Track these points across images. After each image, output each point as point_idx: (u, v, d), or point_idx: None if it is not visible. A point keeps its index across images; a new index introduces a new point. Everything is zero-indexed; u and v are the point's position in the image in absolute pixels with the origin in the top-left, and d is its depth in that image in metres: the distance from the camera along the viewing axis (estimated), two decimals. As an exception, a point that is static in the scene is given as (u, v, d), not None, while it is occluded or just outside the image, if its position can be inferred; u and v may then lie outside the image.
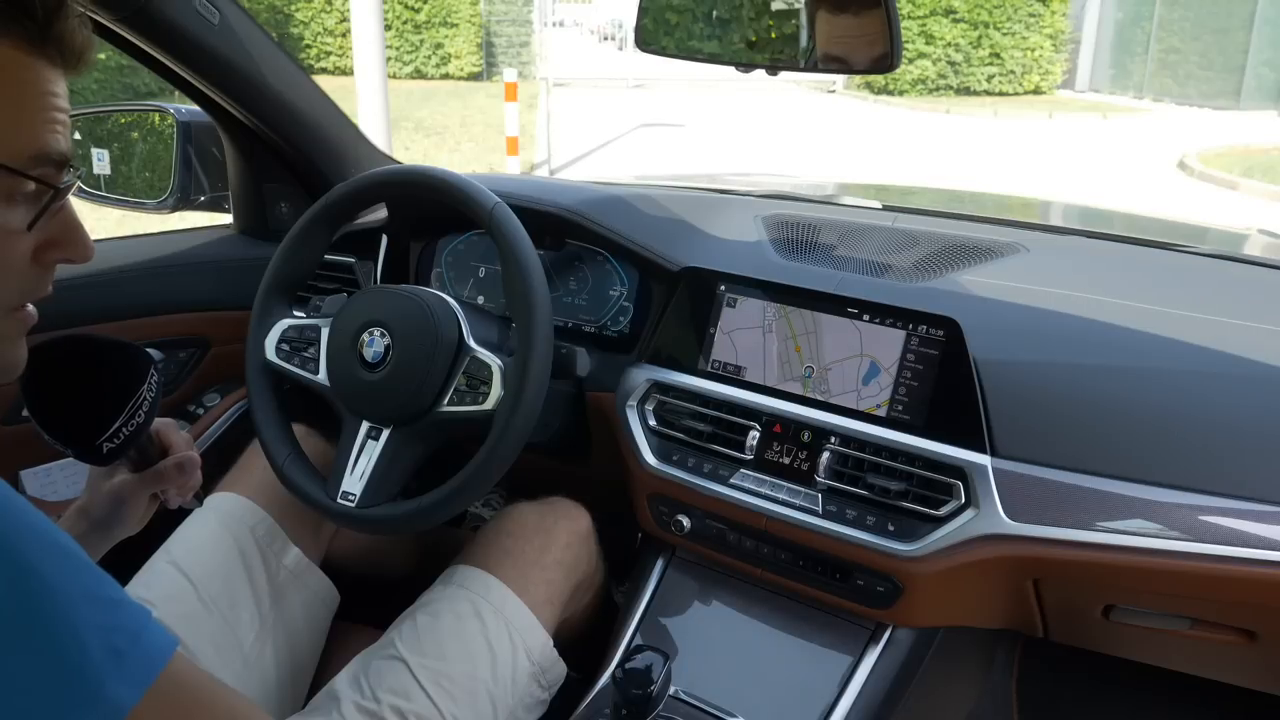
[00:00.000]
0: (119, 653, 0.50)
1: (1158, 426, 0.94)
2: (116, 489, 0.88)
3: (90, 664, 0.49)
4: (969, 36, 15.44)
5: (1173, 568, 0.89)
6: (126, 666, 0.50)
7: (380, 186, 1.10)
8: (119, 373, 0.78)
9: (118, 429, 0.77)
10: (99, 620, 0.50)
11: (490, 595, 1.02)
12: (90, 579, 0.51)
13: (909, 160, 9.58)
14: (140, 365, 0.79)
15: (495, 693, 0.97)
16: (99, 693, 0.49)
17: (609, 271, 1.29)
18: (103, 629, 0.50)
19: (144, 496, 0.89)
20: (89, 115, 1.57)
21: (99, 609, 0.50)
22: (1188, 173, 9.21)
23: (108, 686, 0.49)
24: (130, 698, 0.50)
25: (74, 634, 0.49)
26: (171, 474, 0.89)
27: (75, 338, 0.77)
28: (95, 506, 0.87)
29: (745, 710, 1.00)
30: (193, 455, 0.91)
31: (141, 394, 0.79)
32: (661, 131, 11.05)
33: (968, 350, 0.99)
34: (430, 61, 16.23)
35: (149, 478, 0.89)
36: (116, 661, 0.50)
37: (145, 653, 0.51)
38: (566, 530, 1.13)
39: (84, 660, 0.48)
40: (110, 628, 0.50)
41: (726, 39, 1.25)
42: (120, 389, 0.78)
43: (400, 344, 0.99)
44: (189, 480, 0.91)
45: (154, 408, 0.81)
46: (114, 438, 0.77)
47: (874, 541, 0.99)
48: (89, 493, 0.88)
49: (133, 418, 0.78)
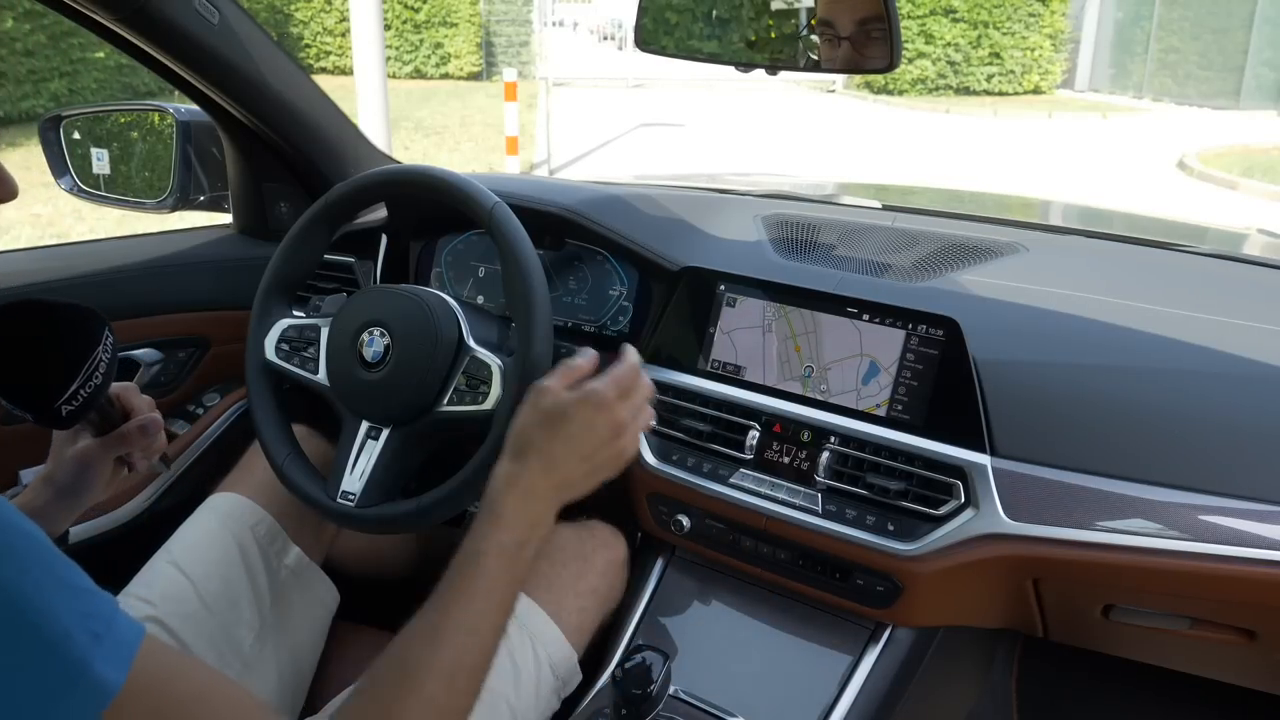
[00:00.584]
0: (98, 636, 0.51)
1: (1158, 426, 0.94)
2: (80, 454, 0.88)
3: (75, 648, 0.50)
4: (969, 36, 15.44)
5: (1172, 567, 0.89)
6: (106, 648, 0.52)
7: (380, 186, 1.10)
8: (73, 335, 0.78)
9: (75, 391, 0.77)
10: (76, 607, 0.51)
11: (516, 611, 1.02)
12: (63, 568, 0.53)
13: (909, 160, 9.58)
14: (94, 326, 0.79)
15: (517, 706, 0.97)
16: (87, 674, 0.50)
17: (608, 271, 1.29)
18: (81, 614, 0.51)
19: (108, 461, 0.89)
20: (88, 115, 1.57)
21: (75, 597, 0.52)
22: (1187, 172, 9.21)
23: (94, 667, 0.50)
24: (116, 678, 0.51)
25: (56, 620, 0.50)
26: (135, 436, 0.89)
27: (26, 302, 0.76)
28: (60, 473, 0.88)
29: (745, 710, 1.00)
30: (155, 417, 0.91)
31: (96, 355, 0.78)
32: (661, 131, 11.06)
33: (967, 350, 0.99)
34: (430, 61, 16.23)
35: (112, 441, 0.89)
36: (97, 644, 0.51)
37: (120, 635, 0.53)
38: (604, 559, 1.13)
39: (69, 645, 0.50)
40: (86, 613, 0.52)
41: (726, 39, 1.25)
42: (75, 351, 0.78)
43: (400, 344, 0.99)
44: (153, 442, 0.91)
45: (111, 369, 0.81)
46: (72, 400, 0.77)
47: (874, 541, 0.99)
48: (53, 460, 0.89)
49: (89, 379, 0.78)
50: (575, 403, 0.80)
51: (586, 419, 0.79)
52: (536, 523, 0.77)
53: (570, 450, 0.79)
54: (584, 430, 0.79)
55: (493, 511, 0.75)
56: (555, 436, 0.79)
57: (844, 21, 1.11)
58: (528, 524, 0.76)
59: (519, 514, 0.76)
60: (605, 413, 0.80)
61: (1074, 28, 16.37)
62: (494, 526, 0.74)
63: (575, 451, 0.79)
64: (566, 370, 0.84)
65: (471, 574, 0.72)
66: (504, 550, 0.73)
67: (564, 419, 0.79)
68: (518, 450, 0.79)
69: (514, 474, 0.78)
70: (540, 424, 0.79)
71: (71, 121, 1.55)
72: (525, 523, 0.76)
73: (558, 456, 0.78)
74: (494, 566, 0.73)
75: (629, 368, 0.84)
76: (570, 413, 0.79)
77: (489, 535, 0.74)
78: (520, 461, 0.78)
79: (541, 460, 0.78)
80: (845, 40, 1.11)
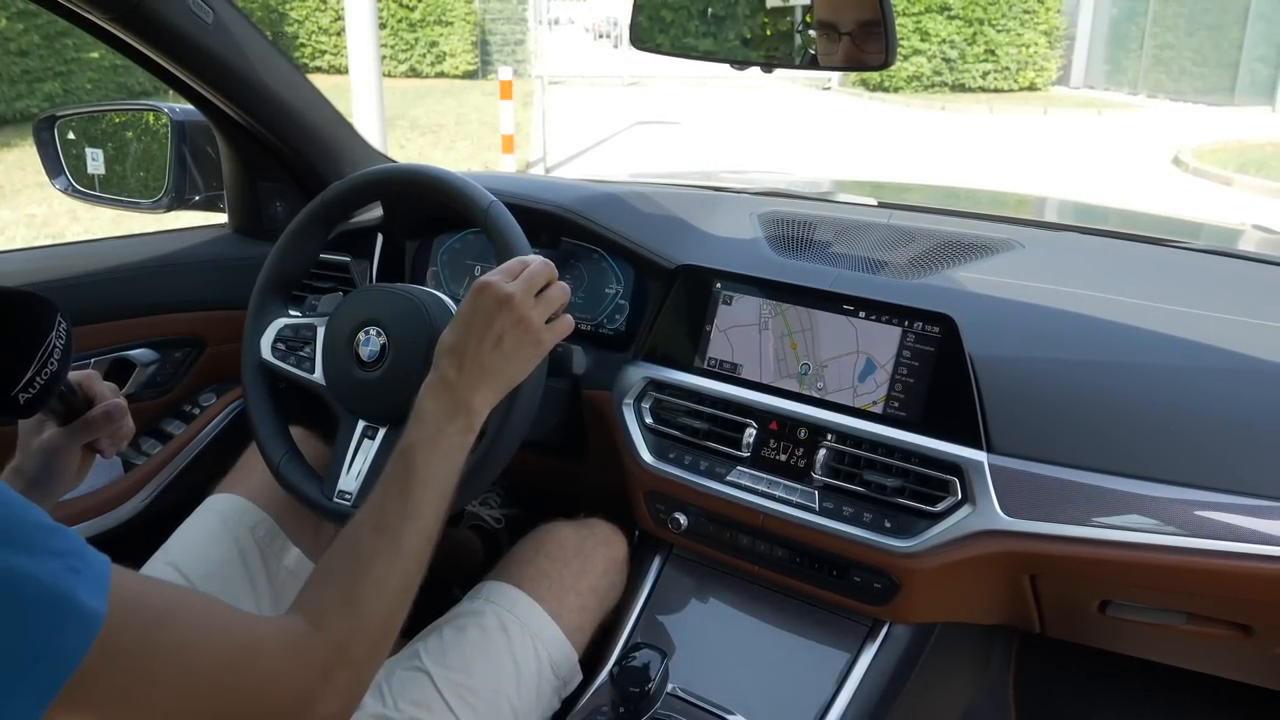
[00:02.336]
0: (76, 570, 0.53)
1: (1153, 422, 0.95)
2: (46, 444, 0.88)
3: (62, 582, 0.52)
4: (964, 33, 15.43)
5: (1168, 563, 0.90)
6: (86, 579, 0.53)
7: (376, 185, 1.10)
8: (23, 323, 0.78)
9: (31, 379, 0.77)
10: (53, 545, 0.53)
11: (516, 610, 1.03)
12: (31, 513, 0.54)
13: (904, 157, 9.59)
14: (45, 313, 0.79)
15: (518, 706, 0.98)
16: (76, 605, 0.52)
17: (605, 269, 1.29)
18: (58, 552, 0.53)
19: (76, 449, 0.89)
20: (83, 115, 1.56)
21: (50, 535, 0.54)
22: (1182, 168, 9.22)
23: (81, 599, 0.52)
24: (101, 605, 0.53)
25: (42, 565, 0.51)
26: (100, 423, 0.89)
27: None
28: (28, 464, 0.88)
29: (743, 707, 1.00)
30: (119, 402, 0.91)
31: (50, 341, 0.78)
32: (657, 129, 11.05)
33: (964, 347, 0.99)
34: (425, 60, 16.20)
35: (78, 429, 0.89)
36: (78, 577, 0.53)
37: (94, 567, 0.55)
38: (604, 558, 1.14)
39: (55, 580, 0.51)
40: (62, 550, 0.53)
41: (721, 36, 1.25)
42: (27, 338, 0.77)
43: (396, 343, 0.99)
44: (119, 428, 0.91)
45: (67, 355, 0.80)
46: (29, 387, 0.77)
47: (871, 538, 0.99)
48: (20, 451, 0.89)
49: (45, 366, 0.78)
50: (473, 294, 0.88)
51: (487, 309, 0.87)
52: (454, 412, 0.84)
53: (477, 343, 0.86)
54: (489, 323, 0.86)
55: (415, 412, 0.84)
56: (466, 330, 0.87)
57: (846, 18, 1.10)
58: (444, 414, 0.84)
59: (435, 408, 0.84)
60: (507, 307, 0.87)
61: (1069, 24, 16.37)
62: (415, 424, 0.83)
63: (491, 345, 0.86)
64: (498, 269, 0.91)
65: (402, 467, 0.80)
66: (426, 441, 0.82)
67: (471, 313, 0.87)
68: (435, 359, 0.88)
69: (431, 380, 0.86)
70: (453, 323, 0.88)
71: (66, 122, 1.54)
72: (442, 413, 0.84)
73: (466, 351, 0.86)
74: (421, 458, 0.80)
75: (539, 264, 0.91)
76: (474, 305, 0.87)
77: (410, 432, 0.82)
78: (436, 368, 0.87)
79: (451, 358, 0.86)
80: (845, 36, 1.11)
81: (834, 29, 1.13)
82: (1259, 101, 13.56)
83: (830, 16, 1.14)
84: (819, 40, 1.17)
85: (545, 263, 0.91)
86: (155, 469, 1.42)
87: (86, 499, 1.34)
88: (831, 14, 1.14)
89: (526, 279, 0.89)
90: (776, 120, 12.56)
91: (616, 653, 1.10)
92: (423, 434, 0.82)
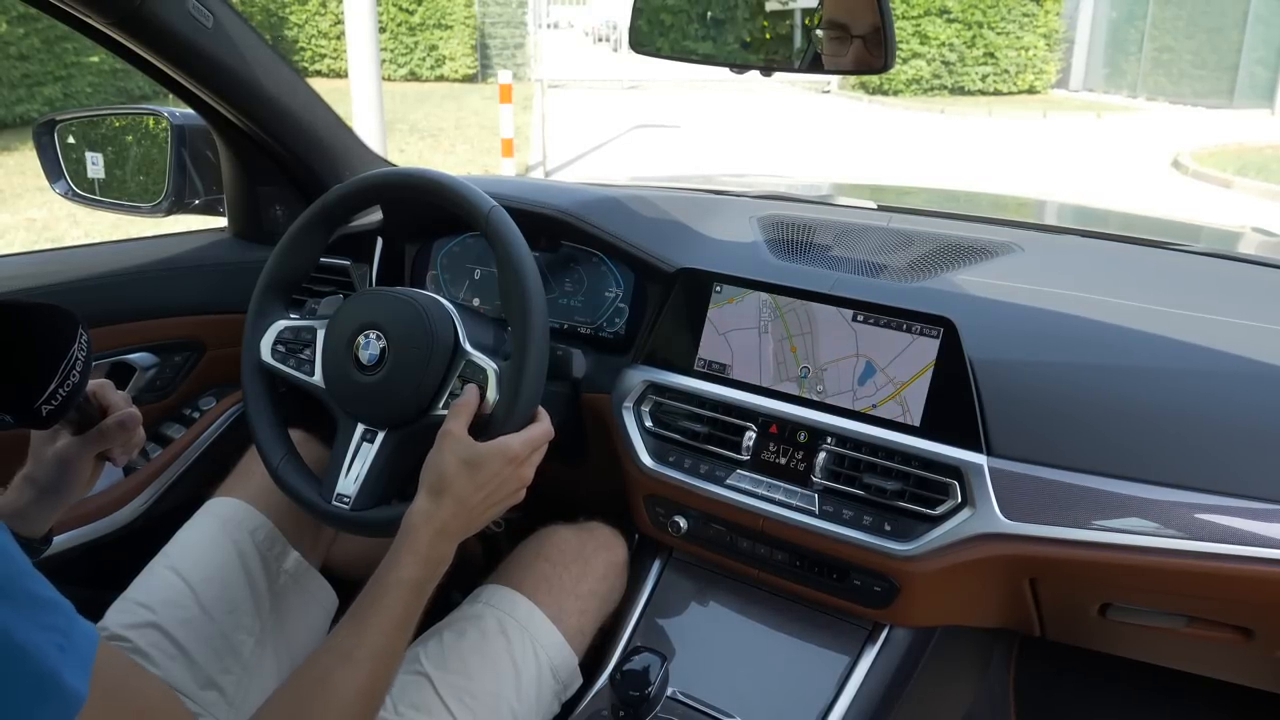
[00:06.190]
0: (62, 647, 0.52)
1: (1153, 425, 0.94)
2: (60, 453, 0.88)
3: (47, 660, 0.51)
4: (963, 36, 15.47)
5: (1169, 566, 0.89)
6: (70, 657, 0.53)
7: (376, 189, 1.10)
8: (47, 335, 0.79)
9: (54, 390, 0.78)
10: (43, 620, 0.52)
11: (517, 613, 1.03)
12: (27, 580, 0.53)
13: (904, 160, 9.59)
14: (68, 326, 0.80)
15: (518, 710, 0.98)
16: (59, 685, 0.51)
17: (604, 273, 1.29)
18: (46, 627, 0.52)
19: (89, 458, 0.90)
20: (83, 119, 1.56)
21: (41, 609, 0.53)
22: (1182, 171, 9.23)
23: (64, 678, 0.51)
24: (83, 687, 0.52)
25: (29, 636, 0.51)
26: (114, 433, 0.90)
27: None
28: (41, 472, 0.88)
29: (743, 711, 1.00)
30: (133, 412, 0.92)
31: (73, 353, 0.79)
32: (656, 133, 11.06)
33: (964, 350, 0.99)
34: (425, 63, 16.23)
35: (92, 438, 0.89)
36: (63, 655, 0.52)
37: (79, 644, 0.54)
38: (604, 562, 1.14)
39: (42, 658, 0.51)
40: (51, 626, 0.53)
41: (721, 40, 1.25)
42: (51, 351, 0.78)
43: (395, 347, 0.99)
44: (131, 437, 0.92)
45: (88, 367, 0.81)
46: (51, 399, 0.78)
47: (870, 541, 0.99)
48: (33, 460, 0.89)
49: (67, 378, 0.79)
50: (492, 454, 0.88)
51: (497, 470, 0.88)
52: (442, 560, 0.85)
53: (482, 496, 0.87)
54: (495, 479, 0.88)
55: (411, 546, 0.83)
56: (471, 481, 0.87)
57: (861, 21, 1.10)
58: (438, 561, 0.84)
59: (432, 551, 0.84)
60: (514, 467, 0.89)
61: (1068, 27, 16.41)
62: (411, 560, 0.82)
63: (486, 498, 0.88)
64: (464, 409, 0.92)
65: (387, 604, 0.80)
66: (416, 585, 0.82)
67: (481, 466, 0.87)
68: (436, 489, 0.86)
69: (431, 512, 0.85)
70: (459, 468, 0.87)
71: (66, 126, 1.54)
72: (436, 559, 0.84)
73: (470, 500, 0.86)
74: (408, 599, 0.81)
75: (543, 431, 0.94)
76: (486, 461, 0.87)
77: (406, 568, 0.82)
78: (437, 501, 0.85)
79: (456, 502, 0.86)
80: (858, 39, 1.11)
81: (846, 31, 1.13)
82: (1258, 104, 13.58)
83: (844, 19, 1.14)
84: (828, 42, 1.17)
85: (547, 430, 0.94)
86: (155, 473, 1.42)
87: (86, 503, 1.34)
88: (846, 16, 1.14)
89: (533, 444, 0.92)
90: (776, 124, 12.58)
91: (616, 656, 1.09)
92: (416, 577, 0.82)
